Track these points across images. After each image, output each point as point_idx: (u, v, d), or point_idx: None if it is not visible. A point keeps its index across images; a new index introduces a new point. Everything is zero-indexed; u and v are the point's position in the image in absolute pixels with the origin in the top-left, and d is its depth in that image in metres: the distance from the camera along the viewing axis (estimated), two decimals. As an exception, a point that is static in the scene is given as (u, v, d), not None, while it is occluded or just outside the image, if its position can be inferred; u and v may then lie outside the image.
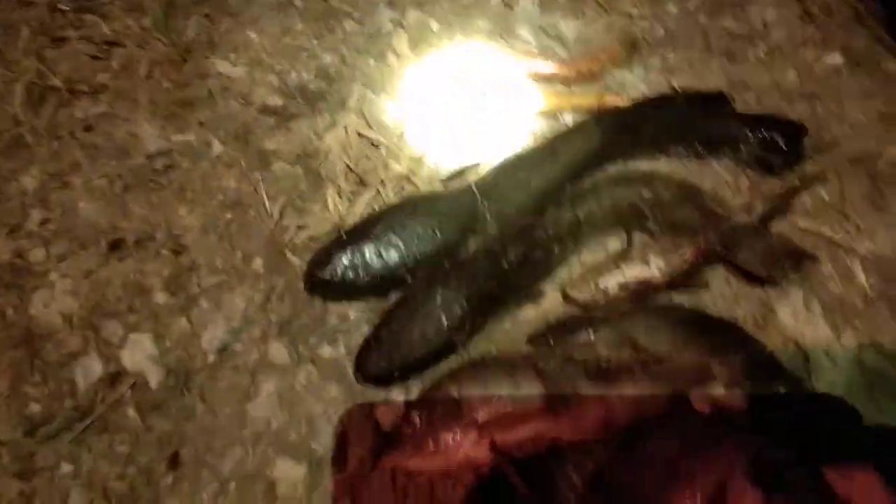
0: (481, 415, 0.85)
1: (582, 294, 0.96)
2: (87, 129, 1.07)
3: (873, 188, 1.05)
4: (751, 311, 0.97)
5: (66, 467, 0.85)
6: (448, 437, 0.85)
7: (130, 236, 0.99)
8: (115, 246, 0.99)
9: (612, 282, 0.95)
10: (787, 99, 1.13)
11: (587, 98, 1.10)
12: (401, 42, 1.15)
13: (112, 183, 1.03)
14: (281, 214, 1.00)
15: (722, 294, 0.99)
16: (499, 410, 0.85)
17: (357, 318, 0.95)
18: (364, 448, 0.86)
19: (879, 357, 0.96)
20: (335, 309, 0.96)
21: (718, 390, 0.89)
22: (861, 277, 1.00)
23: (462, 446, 0.85)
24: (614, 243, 1.00)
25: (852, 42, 1.19)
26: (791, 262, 0.95)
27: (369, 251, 0.93)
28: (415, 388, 0.91)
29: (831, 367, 0.95)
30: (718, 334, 0.92)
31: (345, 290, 0.94)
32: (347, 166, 1.02)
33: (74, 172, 1.04)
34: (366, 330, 0.94)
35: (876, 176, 1.06)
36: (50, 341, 0.92)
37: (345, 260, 0.93)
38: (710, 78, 1.16)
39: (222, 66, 1.13)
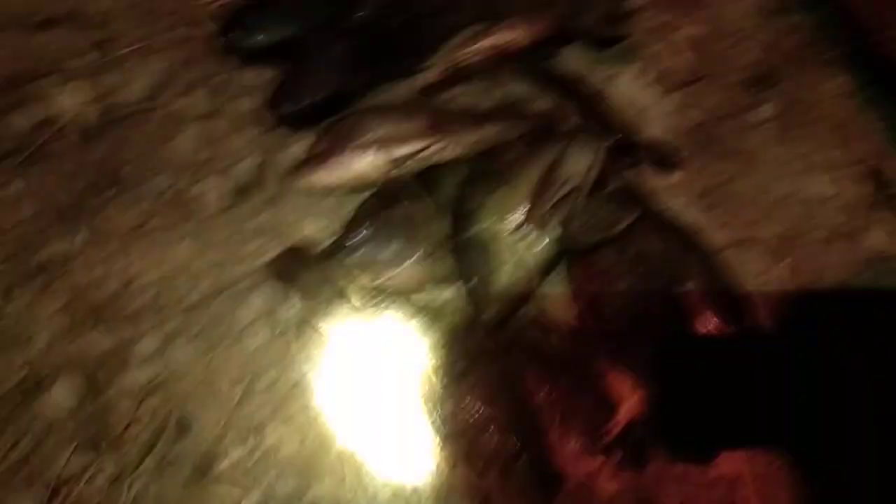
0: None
1: (461, 56, 1.15)
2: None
3: (695, -17, 1.29)
4: (597, 82, 1.19)
5: (18, 183, 0.98)
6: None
7: (56, 15, 1.10)
8: (43, 24, 1.10)
9: (486, 44, 1.15)
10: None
11: None
12: None
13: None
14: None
15: (575, 70, 1.20)
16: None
17: (270, 76, 1.11)
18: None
19: (701, 112, 1.20)
20: (250, 70, 1.11)
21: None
22: (685, 52, 1.24)
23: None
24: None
25: None
26: (624, 22, 1.17)
27: (276, 15, 1.09)
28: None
29: (662, 118, 1.18)
30: (568, 85, 1.14)
31: (256, 50, 1.09)
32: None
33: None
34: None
35: (696, -26, 1.30)
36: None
37: (255, 22, 1.08)
38: None
39: None
